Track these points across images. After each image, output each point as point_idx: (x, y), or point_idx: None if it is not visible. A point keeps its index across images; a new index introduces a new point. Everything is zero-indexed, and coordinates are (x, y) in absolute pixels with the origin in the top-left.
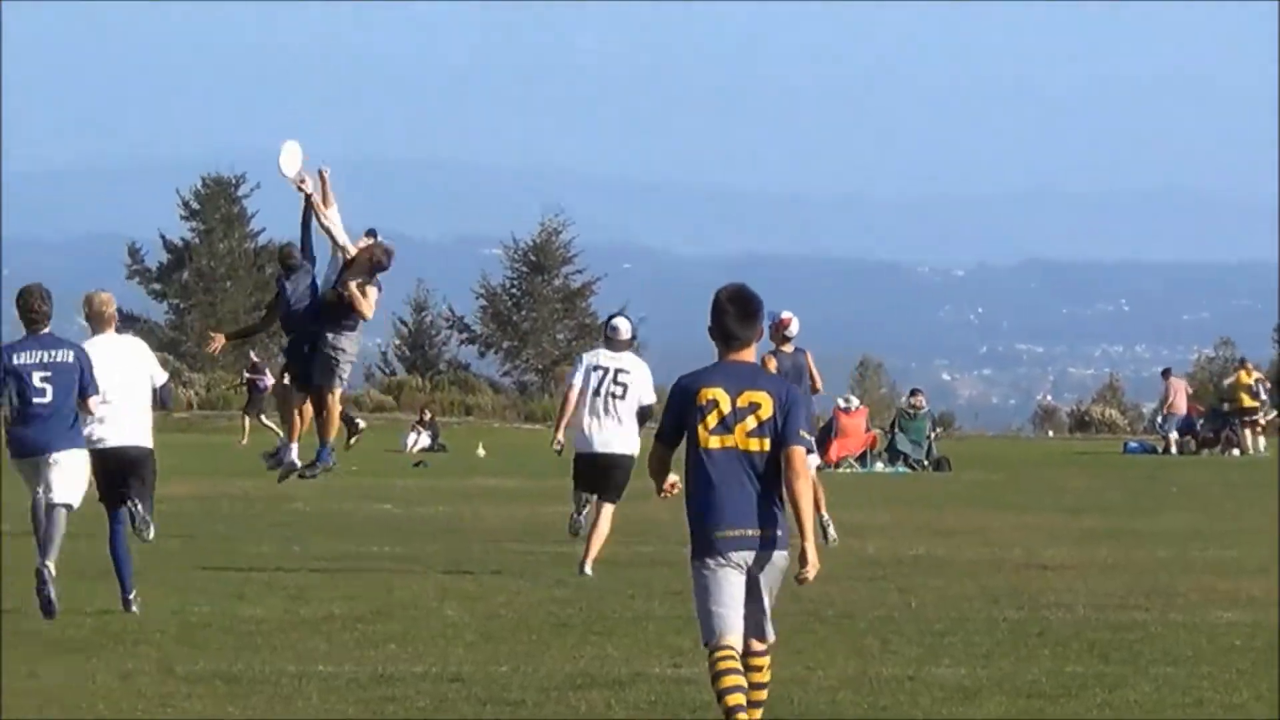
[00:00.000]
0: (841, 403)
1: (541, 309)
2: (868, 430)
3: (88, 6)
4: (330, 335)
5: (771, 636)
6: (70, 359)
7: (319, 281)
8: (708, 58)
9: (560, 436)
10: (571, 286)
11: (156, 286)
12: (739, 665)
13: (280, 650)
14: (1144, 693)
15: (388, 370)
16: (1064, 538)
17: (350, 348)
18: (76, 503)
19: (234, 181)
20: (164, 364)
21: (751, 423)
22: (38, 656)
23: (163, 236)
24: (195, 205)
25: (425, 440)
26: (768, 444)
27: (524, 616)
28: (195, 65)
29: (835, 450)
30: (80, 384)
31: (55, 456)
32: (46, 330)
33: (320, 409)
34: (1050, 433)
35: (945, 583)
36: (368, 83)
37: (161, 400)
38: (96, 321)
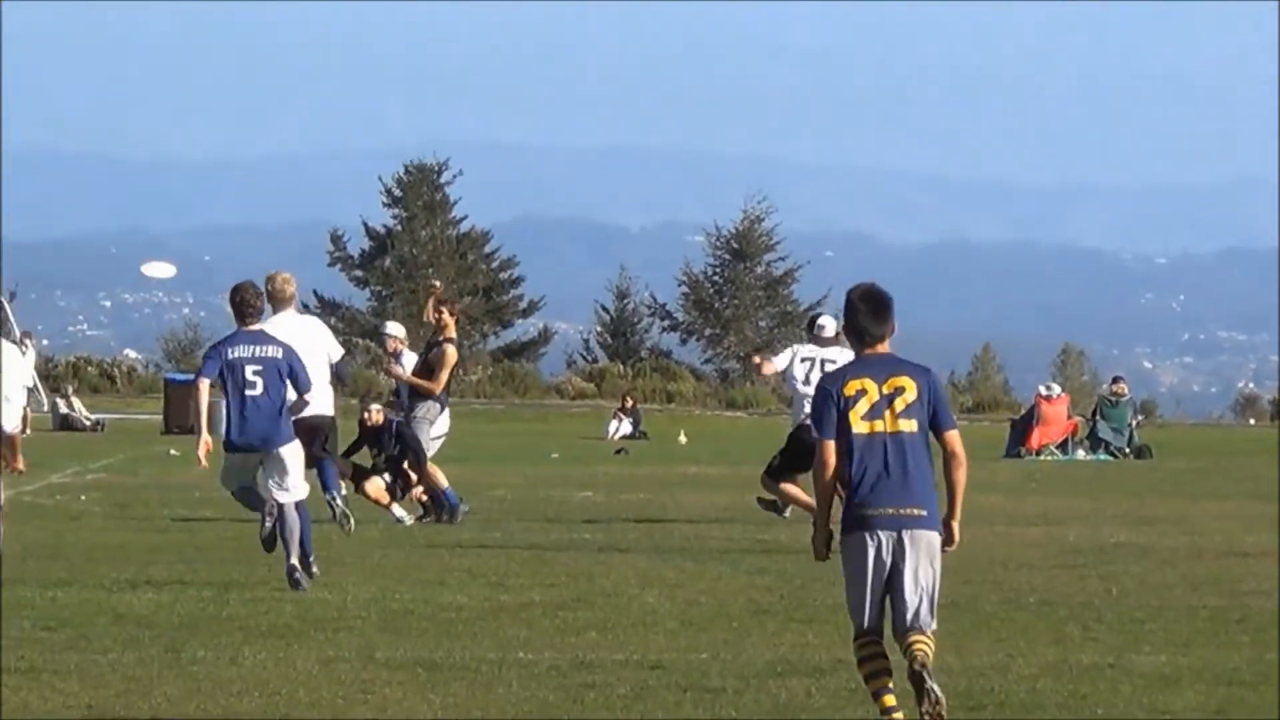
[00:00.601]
0: (1043, 390)
1: (743, 296)
2: (1069, 417)
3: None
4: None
5: (930, 625)
6: (280, 354)
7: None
8: (918, 49)
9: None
10: (774, 274)
11: (359, 273)
12: (882, 650)
13: (480, 637)
14: None
15: (589, 357)
16: (1265, 525)
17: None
18: (303, 494)
19: (436, 168)
20: (366, 351)
21: (900, 406)
22: (239, 642)
23: (365, 224)
24: (398, 192)
25: (627, 427)
26: (915, 425)
27: (724, 604)
28: (400, 57)
29: (1037, 437)
30: (294, 379)
31: (273, 452)
32: (258, 326)
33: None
34: (1252, 420)
35: (1146, 570)
36: (581, 72)
37: (338, 375)
38: (276, 301)
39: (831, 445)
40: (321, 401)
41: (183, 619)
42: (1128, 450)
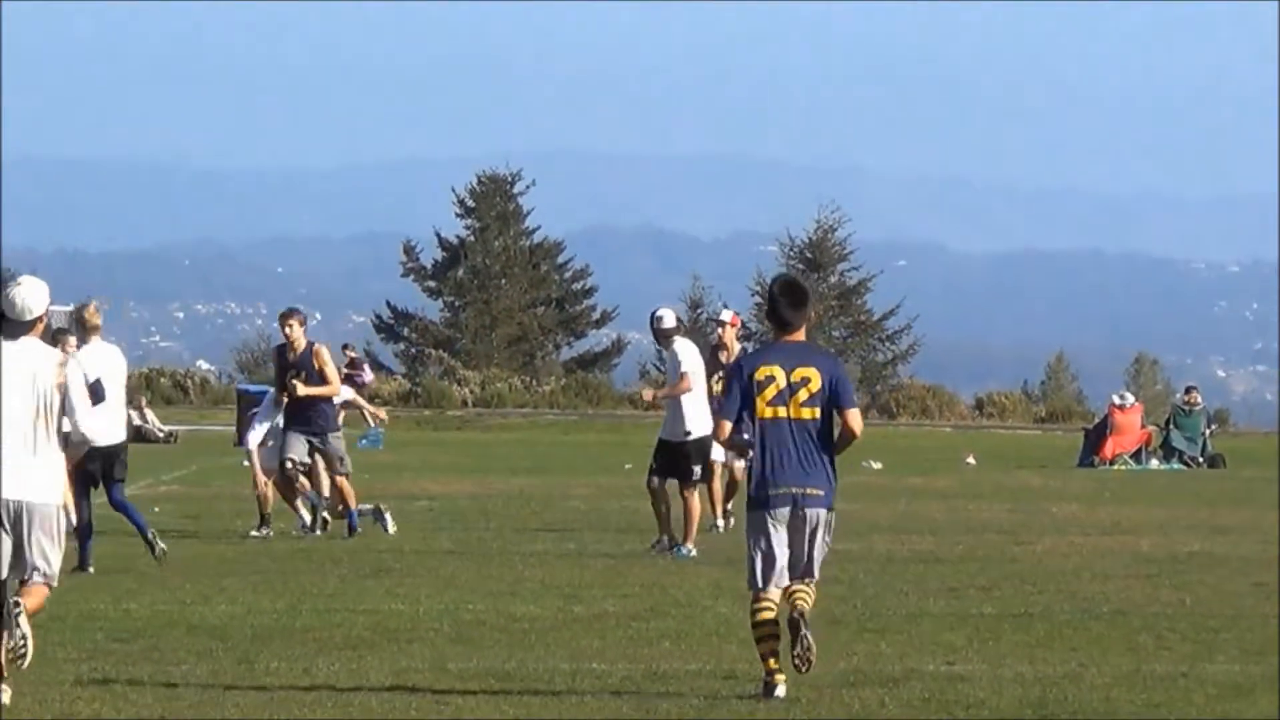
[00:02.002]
0: (1116, 399)
1: (817, 306)
2: (1143, 427)
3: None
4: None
5: (816, 575)
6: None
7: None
8: (992, 56)
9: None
10: (847, 284)
11: (431, 284)
12: (774, 614)
13: (554, 648)
14: None
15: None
16: None
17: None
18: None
19: (509, 179)
20: (439, 362)
21: (803, 395)
22: (312, 654)
23: (438, 234)
24: (470, 203)
25: None
26: (818, 413)
27: None
28: (472, 65)
29: (1110, 447)
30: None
31: None
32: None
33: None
34: None
35: (1219, 579)
36: (652, 81)
37: (94, 392)
38: (87, 330)
39: (728, 426)
40: (116, 428)
41: (256, 630)
42: (1201, 459)
